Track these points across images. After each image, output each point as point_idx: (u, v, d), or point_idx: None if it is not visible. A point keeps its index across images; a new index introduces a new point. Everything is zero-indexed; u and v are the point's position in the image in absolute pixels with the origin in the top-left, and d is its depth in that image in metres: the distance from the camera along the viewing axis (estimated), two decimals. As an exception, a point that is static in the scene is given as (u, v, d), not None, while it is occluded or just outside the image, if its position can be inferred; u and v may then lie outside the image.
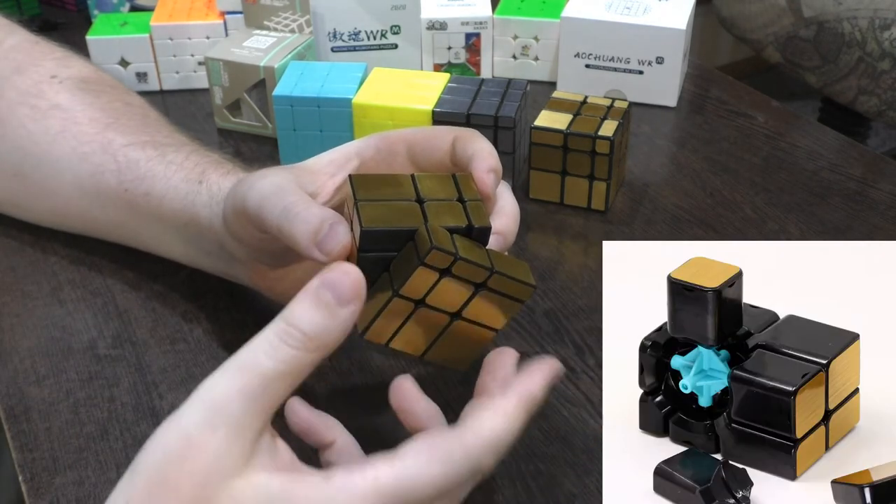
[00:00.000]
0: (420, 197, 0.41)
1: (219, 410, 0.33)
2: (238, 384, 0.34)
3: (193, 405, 0.34)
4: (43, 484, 0.47)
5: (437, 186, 0.42)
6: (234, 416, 0.33)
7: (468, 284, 0.40)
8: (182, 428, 0.34)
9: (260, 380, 0.34)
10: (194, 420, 0.33)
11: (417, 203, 0.40)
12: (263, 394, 0.34)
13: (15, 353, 0.54)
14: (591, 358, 0.54)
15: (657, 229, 0.66)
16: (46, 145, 0.58)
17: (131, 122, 0.59)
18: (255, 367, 0.34)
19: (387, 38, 0.82)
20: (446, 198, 0.41)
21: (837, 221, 0.66)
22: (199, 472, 0.33)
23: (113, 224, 0.59)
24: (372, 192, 0.40)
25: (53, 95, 0.60)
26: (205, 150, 0.57)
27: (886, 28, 1.25)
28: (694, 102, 0.83)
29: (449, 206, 0.41)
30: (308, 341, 0.34)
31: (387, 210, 0.39)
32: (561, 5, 0.83)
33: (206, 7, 0.84)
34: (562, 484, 0.47)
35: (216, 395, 0.34)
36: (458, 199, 0.41)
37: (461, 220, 0.40)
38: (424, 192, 0.41)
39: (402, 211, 0.40)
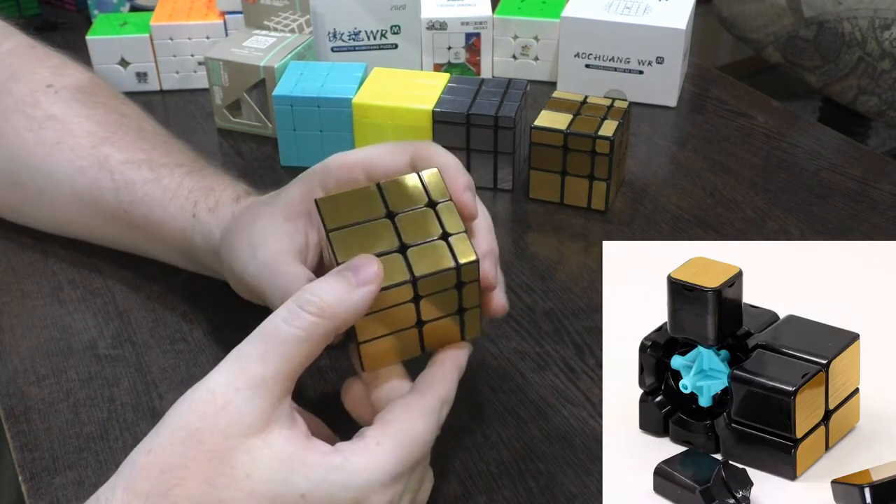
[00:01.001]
0: (390, 210, 0.41)
1: (241, 371, 0.36)
2: (259, 349, 0.37)
3: (221, 368, 0.37)
4: (43, 484, 0.47)
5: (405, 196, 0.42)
6: (255, 377, 0.36)
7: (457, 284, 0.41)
8: (209, 387, 0.36)
9: (278, 344, 0.37)
10: (220, 380, 0.36)
11: (389, 219, 0.41)
12: (282, 358, 0.37)
13: (15, 353, 0.54)
14: (591, 358, 0.54)
15: (657, 229, 0.66)
16: (43, 156, 0.58)
17: (127, 137, 0.58)
18: (275, 333, 0.37)
19: (387, 38, 0.82)
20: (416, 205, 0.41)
21: (837, 221, 0.66)
22: (220, 426, 0.36)
23: (113, 236, 0.59)
24: (342, 218, 0.41)
25: (49, 106, 0.60)
26: (199, 169, 0.56)
27: (886, 28, 1.25)
28: (694, 102, 0.83)
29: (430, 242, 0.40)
30: (324, 309, 0.37)
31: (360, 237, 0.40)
32: (561, 5, 0.83)
33: (206, 7, 0.84)
34: (562, 484, 0.47)
35: (240, 359, 0.37)
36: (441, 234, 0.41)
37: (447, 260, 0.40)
38: (393, 205, 0.41)
39: (376, 236, 0.40)
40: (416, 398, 0.40)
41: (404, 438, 0.38)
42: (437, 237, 0.40)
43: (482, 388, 0.52)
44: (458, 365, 0.43)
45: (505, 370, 0.53)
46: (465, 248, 0.40)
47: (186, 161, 0.57)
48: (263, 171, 0.73)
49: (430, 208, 0.41)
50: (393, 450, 0.38)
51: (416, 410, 0.40)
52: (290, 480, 0.36)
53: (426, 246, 0.40)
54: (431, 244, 0.40)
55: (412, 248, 0.40)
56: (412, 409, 0.40)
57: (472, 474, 0.47)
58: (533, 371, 0.53)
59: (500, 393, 0.52)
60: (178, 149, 0.59)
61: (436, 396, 0.41)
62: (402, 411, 0.40)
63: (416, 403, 0.40)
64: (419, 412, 0.40)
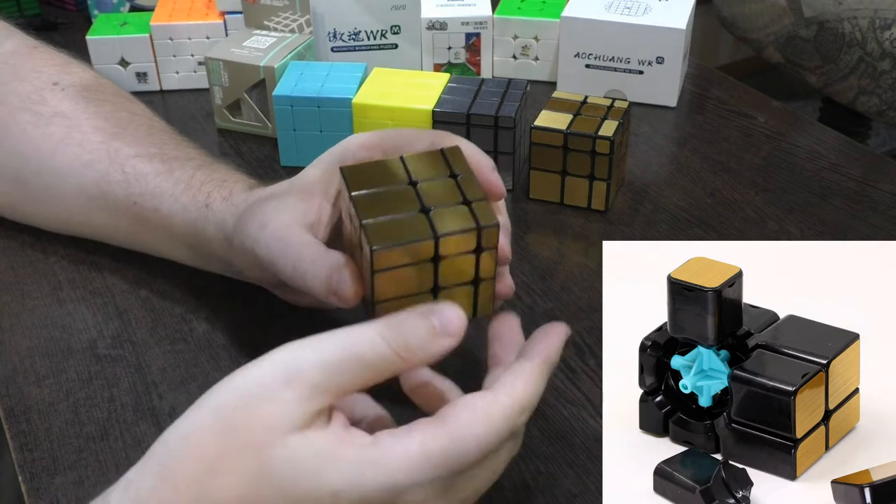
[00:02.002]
0: (412, 179, 0.41)
1: (301, 374, 0.35)
2: (331, 358, 0.36)
3: (274, 363, 0.36)
4: (43, 484, 0.47)
5: (428, 167, 0.42)
6: (314, 383, 0.35)
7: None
8: (259, 379, 0.35)
9: (354, 362, 0.36)
10: (275, 375, 0.35)
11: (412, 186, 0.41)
12: (348, 375, 0.36)
13: (15, 353, 0.54)
14: (591, 358, 0.54)
15: (657, 229, 0.66)
16: (49, 152, 0.58)
17: (138, 133, 0.58)
18: (355, 351, 0.36)
19: (387, 38, 0.82)
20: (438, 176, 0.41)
21: (837, 221, 0.66)
22: (265, 420, 0.34)
23: (120, 232, 0.59)
24: (366, 184, 0.41)
25: (56, 103, 0.60)
26: (209, 163, 0.57)
27: (887, 28, 1.25)
28: (694, 102, 0.83)
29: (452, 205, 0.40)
30: (405, 350, 0.36)
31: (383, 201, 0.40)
32: (561, 5, 0.83)
33: (206, 7, 0.84)
34: (562, 484, 0.47)
35: (304, 362, 0.35)
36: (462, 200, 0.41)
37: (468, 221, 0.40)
38: (416, 174, 0.41)
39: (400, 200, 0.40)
40: (488, 400, 0.37)
41: (456, 444, 0.36)
42: (459, 202, 0.40)
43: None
44: (548, 360, 0.40)
45: (505, 370, 0.53)
46: (486, 213, 0.40)
47: (197, 155, 0.57)
48: (263, 171, 0.73)
49: (451, 178, 0.41)
50: (439, 455, 0.35)
51: (481, 413, 0.36)
52: (322, 477, 0.35)
53: (449, 208, 0.40)
54: (454, 207, 0.40)
55: (435, 210, 0.40)
56: (477, 412, 0.36)
57: (472, 474, 0.47)
58: (533, 371, 0.53)
59: (500, 393, 0.52)
60: (187, 144, 0.60)
61: (513, 401, 0.37)
62: (463, 411, 0.36)
63: (483, 406, 0.37)
64: (485, 416, 0.36)
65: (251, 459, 0.34)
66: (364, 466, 0.35)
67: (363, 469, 0.35)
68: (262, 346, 0.38)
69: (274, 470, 0.35)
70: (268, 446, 0.35)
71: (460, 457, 0.36)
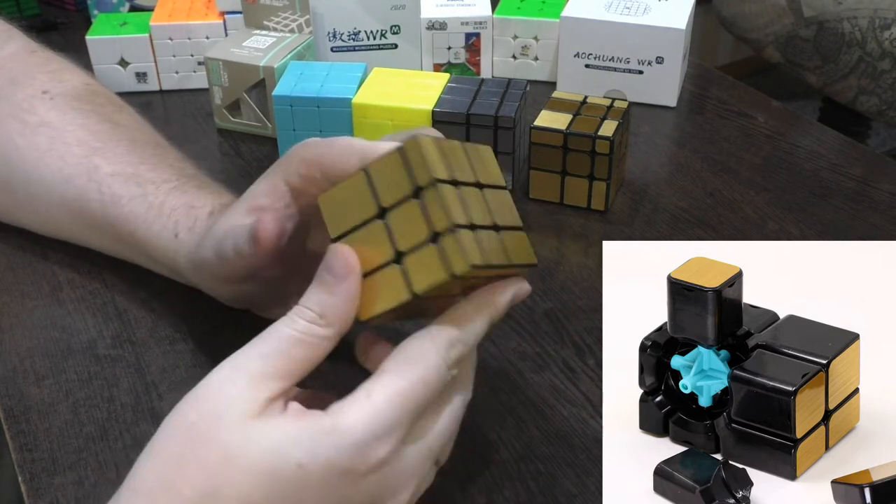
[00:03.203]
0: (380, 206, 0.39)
1: (240, 367, 0.38)
2: (260, 348, 0.38)
3: (220, 367, 0.38)
4: (42, 484, 0.47)
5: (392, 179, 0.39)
6: (253, 372, 0.37)
7: (483, 279, 0.40)
8: (206, 382, 0.38)
9: (277, 343, 0.38)
10: (219, 375, 0.38)
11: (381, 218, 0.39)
12: (280, 356, 0.38)
13: (15, 353, 0.54)
14: (591, 358, 0.54)
15: (657, 229, 0.66)
16: (34, 162, 0.58)
17: (118, 148, 0.58)
18: (274, 333, 0.38)
19: (387, 38, 0.82)
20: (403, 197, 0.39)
21: (837, 221, 0.66)
22: (215, 412, 0.37)
23: (104, 247, 0.59)
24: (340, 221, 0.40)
25: (44, 112, 0.60)
26: (183, 184, 0.56)
27: (886, 28, 1.25)
28: (694, 102, 0.83)
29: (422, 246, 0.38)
30: (318, 317, 0.38)
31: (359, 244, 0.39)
32: (561, 5, 0.83)
33: (206, 7, 0.84)
34: (562, 484, 0.47)
35: (239, 358, 0.38)
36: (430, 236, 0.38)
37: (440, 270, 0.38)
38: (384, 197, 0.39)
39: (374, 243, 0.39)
40: (418, 339, 0.39)
41: (398, 385, 0.37)
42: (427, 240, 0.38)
43: (482, 388, 0.52)
44: (488, 302, 0.40)
45: (505, 370, 0.53)
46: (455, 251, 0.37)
47: (172, 175, 0.57)
48: (263, 171, 0.72)
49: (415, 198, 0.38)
50: (386, 400, 0.37)
51: (414, 353, 0.38)
52: (283, 451, 0.36)
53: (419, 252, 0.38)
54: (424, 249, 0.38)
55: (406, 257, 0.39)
56: (410, 352, 0.38)
57: (471, 474, 0.47)
58: (533, 371, 0.53)
59: (500, 393, 0.52)
60: (167, 161, 0.59)
61: (442, 335, 0.39)
62: (397, 356, 0.38)
63: (415, 345, 0.38)
64: (418, 354, 0.38)
65: (210, 451, 0.36)
66: (320, 433, 0.36)
67: (319, 436, 0.36)
68: (262, 347, 0.38)
69: (236, 455, 0.36)
70: (226, 434, 0.36)
71: (408, 397, 0.37)
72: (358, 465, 0.37)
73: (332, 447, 0.36)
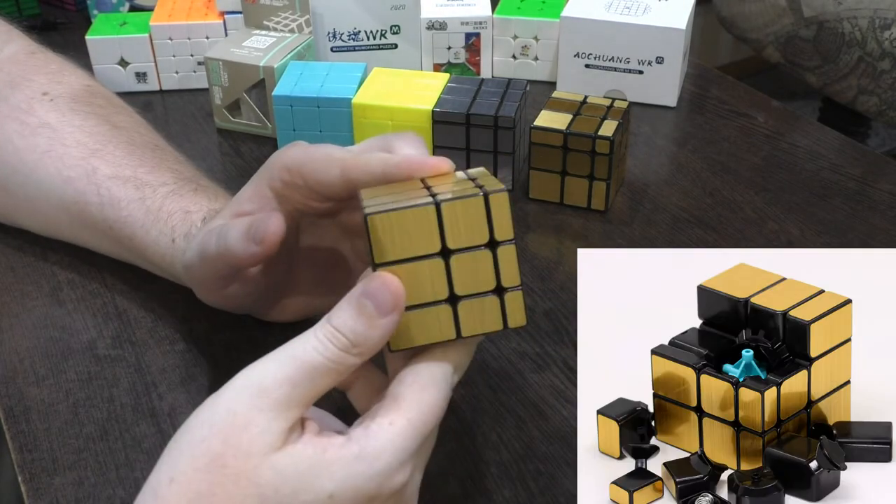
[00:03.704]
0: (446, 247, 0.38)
1: (266, 393, 0.36)
2: (288, 372, 0.37)
3: (240, 388, 0.36)
4: (42, 484, 0.46)
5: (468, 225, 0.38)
6: (280, 400, 0.36)
7: None
8: (229, 408, 0.36)
9: (308, 371, 0.37)
10: (242, 401, 0.36)
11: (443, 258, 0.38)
12: (308, 384, 0.37)
13: (14, 354, 0.54)
14: (590, 358, 0.54)
15: (657, 229, 0.66)
16: (32, 163, 0.58)
17: (117, 151, 0.58)
18: (305, 360, 0.37)
19: (386, 38, 0.82)
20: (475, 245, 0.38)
21: (837, 221, 0.66)
22: (244, 447, 0.35)
23: (103, 249, 0.60)
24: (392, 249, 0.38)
25: (44, 114, 0.60)
26: (181, 187, 0.56)
27: (886, 28, 1.25)
28: (694, 102, 0.83)
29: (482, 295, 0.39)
30: (351, 347, 0.37)
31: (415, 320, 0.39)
32: (561, 5, 0.83)
33: (206, 7, 0.84)
34: (562, 484, 0.47)
35: (265, 380, 0.36)
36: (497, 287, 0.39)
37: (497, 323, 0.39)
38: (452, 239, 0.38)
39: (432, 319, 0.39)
40: (428, 367, 0.39)
41: (416, 413, 0.37)
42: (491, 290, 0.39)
43: (482, 388, 0.52)
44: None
45: (505, 370, 0.53)
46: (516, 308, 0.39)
47: (170, 178, 0.57)
48: (263, 172, 0.73)
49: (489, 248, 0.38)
50: (407, 427, 0.37)
51: (427, 380, 0.38)
52: (315, 485, 0.36)
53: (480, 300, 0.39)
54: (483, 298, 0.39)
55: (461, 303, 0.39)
56: (424, 380, 0.38)
57: (471, 475, 0.47)
58: (533, 371, 0.53)
59: (500, 393, 0.52)
60: (166, 164, 0.58)
61: (449, 361, 0.39)
62: (412, 383, 0.38)
63: (427, 373, 0.38)
64: (430, 381, 0.38)
65: (242, 488, 0.35)
66: (349, 463, 0.36)
67: (349, 465, 0.36)
68: (262, 347, 0.38)
69: (266, 492, 0.35)
70: (255, 470, 0.35)
71: (424, 424, 0.37)
72: (383, 491, 0.37)
73: (361, 476, 0.36)
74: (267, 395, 0.36)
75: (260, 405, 0.36)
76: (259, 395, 0.36)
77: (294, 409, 0.36)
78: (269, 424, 0.36)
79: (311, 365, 0.37)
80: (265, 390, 0.36)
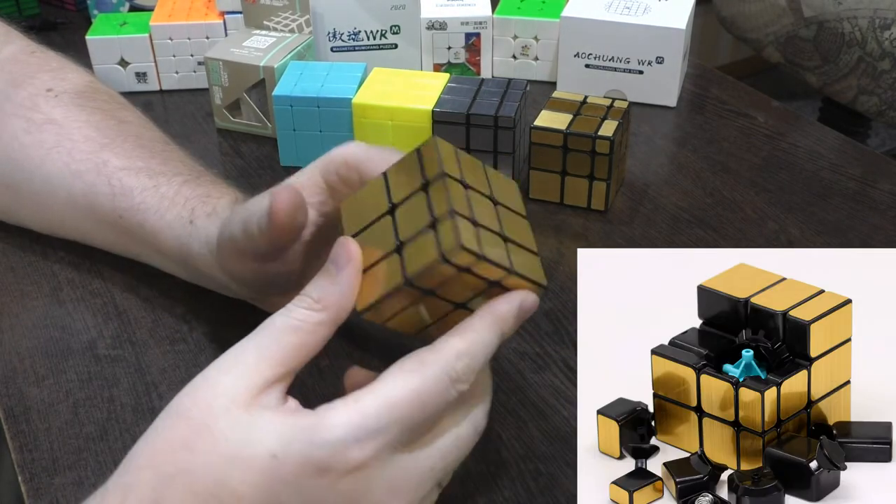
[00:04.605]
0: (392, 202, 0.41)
1: (234, 357, 0.39)
2: (255, 340, 0.39)
3: (223, 356, 0.39)
4: (42, 484, 0.47)
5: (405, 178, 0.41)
6: (247, 362, 0.38)
7: (482, 281, 0.39)
8: (203, 373, 0.39)
9: (271, 332, 0.39)
10: (217, 365, 0.39)
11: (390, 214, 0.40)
12: (275, 345, 0.38)
13: (14, 353, 0.54)
14: (590, 358, 0.54)
15: (657, 229, 0.66)
16: (39, 159, 0.58)
17: (126, 144, 0.58)
18: (269, 324, 0.39)
19: (386, 38, 0.82)
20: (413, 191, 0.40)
21: (837, 221, 0.66)
22: (207, 399, 0.38)
23: (109, 242, 0.59)
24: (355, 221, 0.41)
25: (49, 110, 0.60)
26: (196, 177, 0.56)
27: (886, 28, 1.25)
28: (694, 102, 0.83)
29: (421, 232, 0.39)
30: (314, 303, 0.39)
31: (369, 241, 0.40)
32: (561, 5, 0.83)
33: (206, 7, 0.84)
34: (562, 484, 0.47)
35: (237, 349, 0.39)
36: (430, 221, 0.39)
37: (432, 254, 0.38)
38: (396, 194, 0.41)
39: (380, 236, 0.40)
40: (418, 352, 0.38)
41: (389, 393, 0.37)
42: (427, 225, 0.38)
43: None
44: (492, 311, 0.40)
45: (505, 370, 0.53)
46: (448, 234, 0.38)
47: (184, 170, 0.57)
48: (263, 172, 0.73)
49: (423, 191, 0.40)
50: (373, 405, 0.37)
51: (412, 364, 0.38)
52: (259, 440, 0.37)
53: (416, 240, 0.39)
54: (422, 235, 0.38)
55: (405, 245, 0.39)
56: (408, 364, 0.38)
57: (471, 475, 0.47)
58: (533, 371, 0.53)
59: (500, 393, 0.52)
60: (176, 157, 0.59)
61: (446, 347, 0.38)
62: (394, 367, 0.38)
63: (414, 357, 0.38)
64: (417, 365, 0.38)
65: (197, 434, 0.37)
66: (300, 428, 0.37)
67: (299, 430, 0.37)
68: (262, 347, 0.38)
69: (218, 438, 0.37)
70: (213, 419, 0.37)
71: (397, 407, 0.37)
72: (335, 464, 0.37)
73: (306, 442, 0.37)
74: (237, 358, 0.38)
75: (229, 367, 0.38)
76: (229, 359, 0.39)
77: (265, 368, 0.38)
78: (236, 382, 0.38)
79: (276, 326, 0.39)
80: (236, 356, 0.39)
